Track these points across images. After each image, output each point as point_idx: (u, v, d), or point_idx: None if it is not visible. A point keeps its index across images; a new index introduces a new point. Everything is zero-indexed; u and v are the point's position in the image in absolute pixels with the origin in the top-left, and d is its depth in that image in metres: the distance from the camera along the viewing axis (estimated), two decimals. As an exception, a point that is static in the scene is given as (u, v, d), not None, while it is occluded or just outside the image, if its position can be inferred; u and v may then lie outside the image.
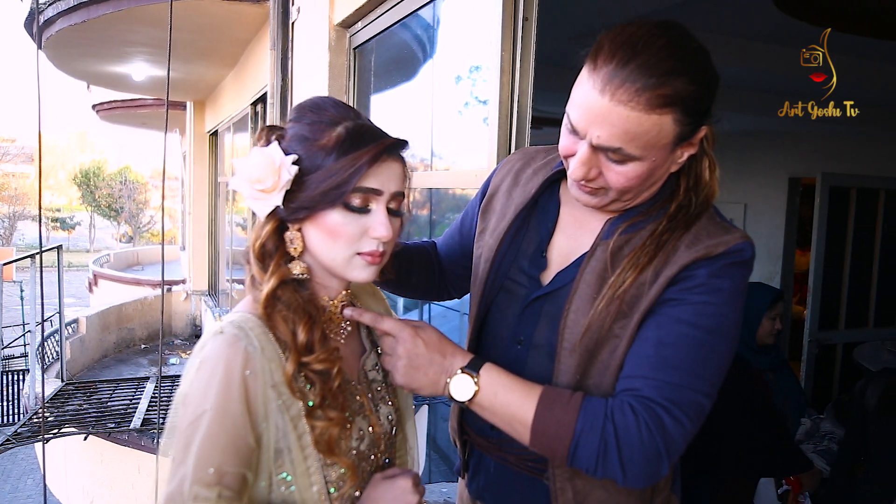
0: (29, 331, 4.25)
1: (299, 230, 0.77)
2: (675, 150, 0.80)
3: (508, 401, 0.78)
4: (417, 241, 1.15)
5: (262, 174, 0.73)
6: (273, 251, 0.77)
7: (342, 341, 0.83)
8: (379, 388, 0.86)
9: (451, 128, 2.41)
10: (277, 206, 0.74)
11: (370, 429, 0.81)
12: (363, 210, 0.75)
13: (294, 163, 0.73)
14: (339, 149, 0.73)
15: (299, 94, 3.02)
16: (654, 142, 0.76)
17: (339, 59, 2.72)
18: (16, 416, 4.39)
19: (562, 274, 0.88)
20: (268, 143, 0.76)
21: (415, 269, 1.08)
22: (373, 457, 0.82)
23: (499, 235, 0.95)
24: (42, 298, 2.70)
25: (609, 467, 0.74)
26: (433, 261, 1.12)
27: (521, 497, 0.93)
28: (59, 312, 4.64)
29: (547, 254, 0.92)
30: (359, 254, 0.76)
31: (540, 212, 0.95)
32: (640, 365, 0.78)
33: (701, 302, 0.77)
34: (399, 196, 0.78)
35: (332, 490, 0.76)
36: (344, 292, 0.83)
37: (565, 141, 0.81)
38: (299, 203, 0.74)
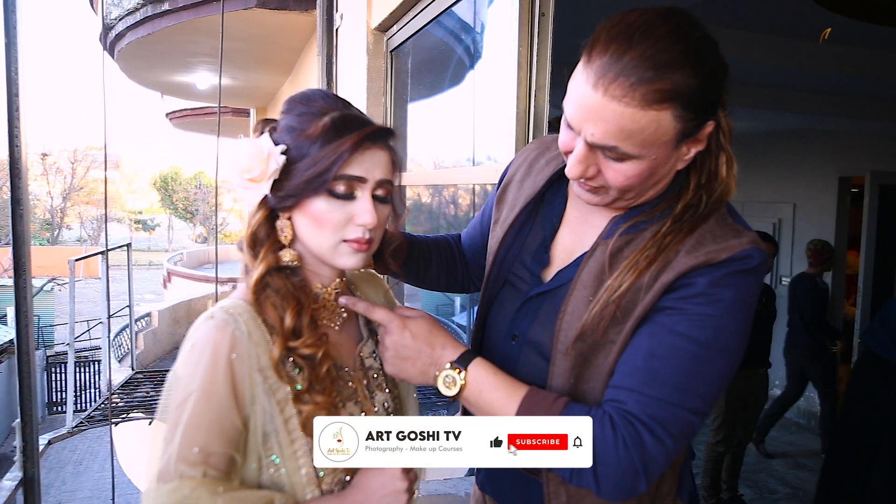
0: (100, 322, 4.59)
1: (289, 218, 0.78)
2: (679, 147, 0.74)
3: (492, 400, 0.77)
4: (444, 234, 1.15)
5: (250, 164, 0.74)
6: (264, 239, 0.78)
7: (337, 328, 0.84)
8: (375, 376, 0.86)
9: (490, 126, 2.41)
10: (267, 195, 0.76)
11: (362, 414, 0.81)
12: (348, 197, 0.75)
13: (282, 153, 0.75)
14: (324, 137, 0.74)
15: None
16: (652, 139, 0.70)
17: (376, 61, 2.80)
18: (92, 403, 4.71)
19: (562, 272, 0.85)
20: (261, 134, 0.77)
21: (433, 262, 1.07)
22: None
23: (505, 228, 0.93)
24: (108, 294, 2.92)
25: (583, 478, 0.72)
26: (454, 253, 1.11)
27: (518, 494, 0.92)
28: (129, 306, 4.98)
29: (551, 250, 0.89)
30: (345, 241, 0.76)
31: (546, 206, 0.92)
32: (628, 375, 0.74)
33: (698, 313, 0.72)
34: (386, 184, 0.78)
35: (321, 473, 0.76)
36: (339, 280, 0.83)
37: (564, 137, 0.77)
38: (286, 191, 0.75)
